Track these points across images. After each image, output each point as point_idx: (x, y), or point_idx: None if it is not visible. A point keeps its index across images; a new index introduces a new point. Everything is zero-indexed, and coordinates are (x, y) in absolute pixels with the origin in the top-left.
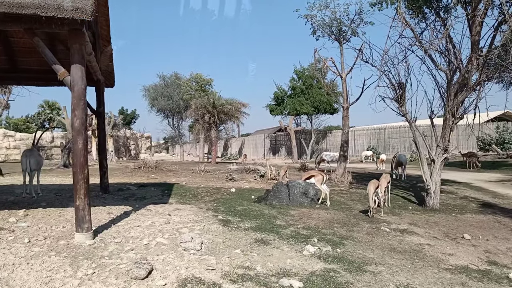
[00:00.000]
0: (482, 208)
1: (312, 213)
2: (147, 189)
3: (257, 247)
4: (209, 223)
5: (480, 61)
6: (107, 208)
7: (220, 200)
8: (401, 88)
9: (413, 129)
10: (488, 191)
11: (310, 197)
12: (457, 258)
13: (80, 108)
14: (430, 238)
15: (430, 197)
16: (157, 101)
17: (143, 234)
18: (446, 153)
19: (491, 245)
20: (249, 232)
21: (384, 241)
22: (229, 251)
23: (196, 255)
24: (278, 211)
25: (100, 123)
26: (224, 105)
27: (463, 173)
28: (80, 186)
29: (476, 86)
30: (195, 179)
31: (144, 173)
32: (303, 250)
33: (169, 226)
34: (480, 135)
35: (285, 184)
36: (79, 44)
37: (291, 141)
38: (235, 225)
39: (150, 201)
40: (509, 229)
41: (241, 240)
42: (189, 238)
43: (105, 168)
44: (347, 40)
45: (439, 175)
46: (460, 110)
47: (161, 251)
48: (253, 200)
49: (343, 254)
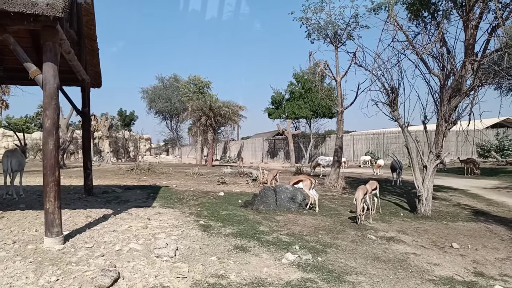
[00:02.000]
0: (474, 216)
1: (299, 219)
2: (133, 191)
3: (235, 254)
4: (189, 228)
5: (474, 66)
6: (87, 211)
7: (205, 204)
8: (394, 92)
9: (405, 134)
10: (483, 198)
11: (298, 202)
12: (442, 269)
13: (51, 108)
14: (417, 247)
15: (422, 204)
16: (155, 103)
17: (117, 239)
18: (438, 159)
19: (480, 255)
20: (229, 238)
21: (369, 249)
22: (205, 258)
23: (169, 262)
24: (263, 217)
25: (85, 124)
26: (221, 108)
27: (460, 179)
28: (50, 189)
29: (469, 91)
30: (186, 182)
31: (136, 175)
32: (282, 258)
33: (146, 231)
34: (480, 141)
35: (273, 189)
36: (52, 42)
37: (289, 145)
38: (216, 231)
39: (133, 204)
40: (500, 239)
41: (219, 246)
42: (164, 244)
43: (89, 170)
44: (343, 44)
45: (432, 181)
46: (453, 116)
47: (133, 257)
48: (239, 205)
49: (324, 263)
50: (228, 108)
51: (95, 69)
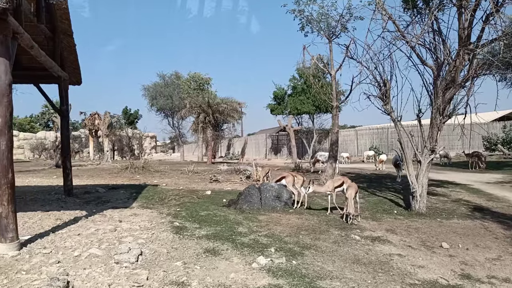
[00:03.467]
0: (472, 212)
1: (282, 218)
2: (116, 191)
3: (204, 258)
4: (161, 230)
5: (471, 56)
6: (60, 213)
7: (187, 204)
8: (386, 85)
9: (397, 128)
10: (485, 193)
11: (284, 200)
12: (427, 271)
13: (3, 106)
14: (403, 247)
15: (416, 200)
16: (157, 100)
17: (79, 244)
18: (433, 153)
19: (470, 255)
20: (202, 240)
21: (350, 250)
22: (169, 264)
23: (128, 268)
24: (245, 216)
25: (64, 122)
26: (220, 104)
27: (464, 174)
28: (3, 192)
29: (464, 82)
30: (178, 181)
31: (131, 174)
32: (253, 262)
33: (113, 234)
34: (486, 134)
35: (257, 187)
36: (3, 35)
37: (291, 141)
38: (190, 233)
39: (111, 205)
40: (494, 237)
41: (189, 250)
42: (126, 249)
43: (69, 170)
44: (337, 36)
45: (426, 177)
46: (448, 109)
47: (90, 264)
48: (223, 204)
49: (297, 267)
50: (227, 104)
51: (73, 66)
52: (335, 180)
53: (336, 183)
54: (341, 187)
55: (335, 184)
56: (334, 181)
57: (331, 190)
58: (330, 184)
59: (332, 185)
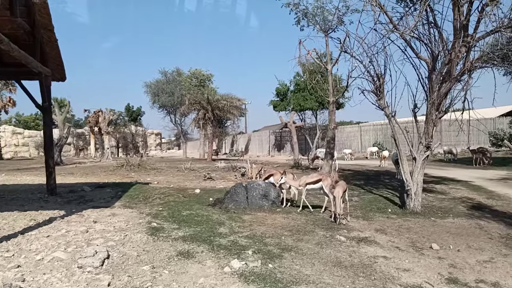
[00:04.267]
0: (469, 210)
1: (268, 218)
2: (102, 190)
3: (175, 262)
4: (135, 231)
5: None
6: (37, 213)
7: (170, 203)
8: (379, 79)
9: (392, 124)
10: (486, 190)
11: (271, 199)
12: (412, 275)
13: None
14: (390, 248)
15: (411, 198)
16: (159, 97)
17: (45, 246)
18: (428, 150)
19: (461, 257)
20: (178, 242)
21: (333, 253)
22: (136, 268)
23: (91, 273)
24: (230, 216)
25: (46, 119)
26: (219, 101)
27: (467, 170)
28: None
29: (460, 76)
30: (172, 178)
31: (126, 171)
32: (226, 266)
33: (84, 236)
34: (492, 130)
35: (243, 185)
36: None
37: (292, 137)
38: (166, 234)
39: (92, 205)
40: (488, 237)
41: (161, 253)
42: (92, 252)
43: (51, 169)
44: (333, 30)
45: (422, 174)
46: (444, 103)
47: (52, 268)
48: (208, 203)
49: (273, 271)
50: (227, 101)
51: (56, 62)
52: (310, 176)
53: (310, 179)
54: (315, 184)
55: (308, 180)
56: (309, 177)
57: (301, 185)
58: (303, 179)
59: (304, 181)
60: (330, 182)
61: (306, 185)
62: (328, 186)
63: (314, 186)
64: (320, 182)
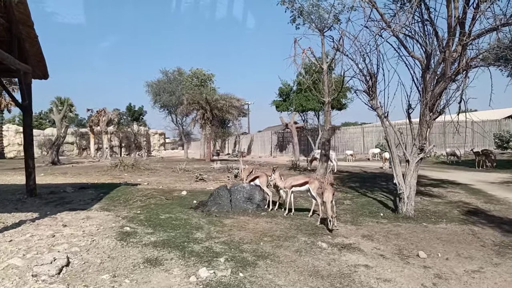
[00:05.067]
0: (464, 215)
1: (250, 222)
2: (85, 191)
3: (140, 270)
4: (105, 236)
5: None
6: (9, 215)
7: (151, 206)
8: (372, 78)
9: (384, 125)
10: (486, 194)
11: (256, 202)
12: (392, 286)
13: None
14: (374, 256)
15: (403, 203)
16: (160, 96)
17: (3, 252)
18: (422, 152)
19: (448, 266)
20: (148, 248)
21: (311, 261)
22: (95, 277)
23: (45, 282)
24: (210, 220)
25: (26, 119)
26: (218, 101)
27: (469, 173)
28: None
29: (454, 76)
30: (164, 179)
31: (119, 172)
32: (193, 275)
33: (48, 241)
34: (498, 132)
35: (227, 188)
36: None
37: (293, 138)
38: (137, 239)
39: (69, 207)
40: (481, 244)
41: (127, 260)
42: (50, 260)
43: (31, 169)
44: (329, 29)
45: (415, 177)
46: (439, 104)
47: (4, 276)
48: (191, 206)
49: (242, 281)
50: (225, 101)
51: (37, 59)
52: (296, 178)
53: (296, 181)
54: (301, 187)
55: (293, 182)
56: (295, 179)
57: (287, 187)
58: (289, 181)
59: (290, 183)
60: (317, 185)
61: (291, 187)
62: (316, 189)
63: (301, 188)
64: (307, 184)
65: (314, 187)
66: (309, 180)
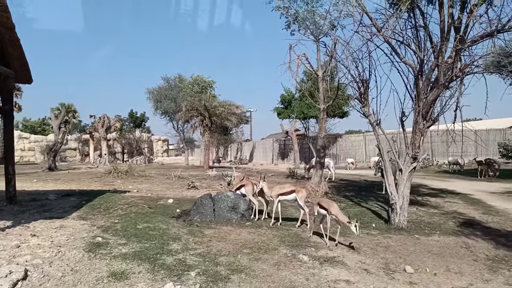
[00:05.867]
0: (459, 227)
1: (233, 233)
2: (67, 199)
3: (103, 285)
4: (73, 247)
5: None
6: None
7: (131, 215)
8: (364, 85)
9: (376, 133)
10: (485, 205)
11: (241, 212)
12: None
13: None
14: (358, 271)
15: (396, 213)
16: (161, 103)
17: None
18: (415, 161)
19: (435, 282)
20: (116, 261)
21: (288, 275)
22: None
23: None
24: (190, 230)
25: (7, 123)
26: (217, 107)
27: (470, 182)
28: None
29: (448, 82)
30: (156, 187)
31: (113, 178)
32: None
33: (11, 252)
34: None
35: (211, 196)
36: None
37: (294, 146)
38: (107, 251)
39: (46, 215)
40: (473, 259)
41: (91, 273)
42: (5, 273)
43: (11, 175)
44: (325, 35)
45: (408, 187)
46: (433, 112)
47: None
48: (173, 215)
49: None
50: (224, 107)
51: (20, 63)
52: (283, 187)
53: (282, 190)
54: (287, 196)
55: (280, 191)
56: (281, 187)
57: (273, 196)
58: (275, 190)
59: (276, 192)
60: (305, 194)
61: (278, 196)
62: (303, 199)
63: (287, 197)
64: (294, 193)
65: (301, 196)
66: (296, 189)
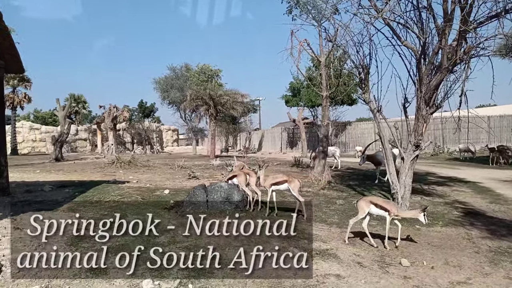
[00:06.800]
0: (464, 217)
1: (224, 225)
2: (62, 190)
3: (80, 280)
4: (55, 241)
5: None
6: None
7: (122, 206)
8: (364, 70)
9: (377, 120)
10: (493, 193)
11: (235, 203)
12: None
13: None
14: (350, 264)
15: (397, 203)
16: (168, 93)
17: None
18: (418, 149)
19: (432, 276)
20: (97, 255)
21: (275, 270)
22: (27, 286)
23: None
24: (180, 222)
25: None
26: (222, 96)
27: (481, 170)
28: None
29: (452, 66)
30: (157, 177)
31: (115, 168)
32: (136, 287)
33: None
34: None
35: (204, 187)
36: None
37: (301, 134)
38: (89, 244)
39: (36, 207)
40: (475, 251)
41: (70, 268)
42: None
43: (3, 167)
44: (327, 19)
45: (410, 176)
46: (436, 97)
47: None
48: (166, 207)
49: None
50: (229, 96)
51: (10, 53)
52: (275, 177)
53: (274, 180)
54: (279, 185)
55: (272, 181)
56: (274, 177)
57: (266, 186)
58: (268, 180)
59: (269, 182)
60: (298, 184)
61: (270, 185)
62: (297, 188)
63: (280, 187)
64: (286, 183)
65: (294, 186)
66: (288, 179)
